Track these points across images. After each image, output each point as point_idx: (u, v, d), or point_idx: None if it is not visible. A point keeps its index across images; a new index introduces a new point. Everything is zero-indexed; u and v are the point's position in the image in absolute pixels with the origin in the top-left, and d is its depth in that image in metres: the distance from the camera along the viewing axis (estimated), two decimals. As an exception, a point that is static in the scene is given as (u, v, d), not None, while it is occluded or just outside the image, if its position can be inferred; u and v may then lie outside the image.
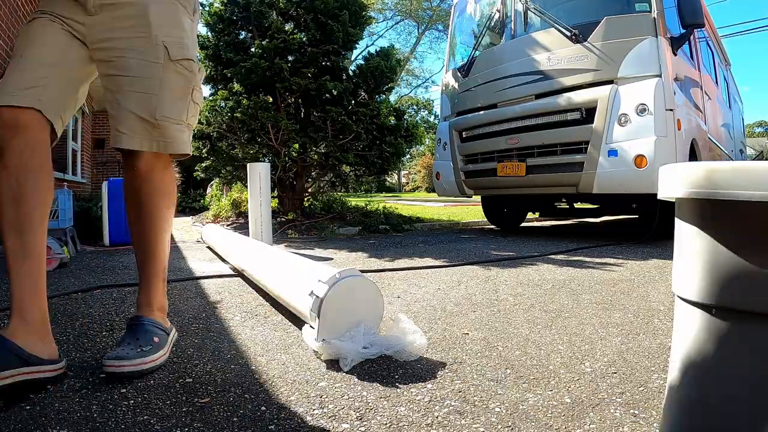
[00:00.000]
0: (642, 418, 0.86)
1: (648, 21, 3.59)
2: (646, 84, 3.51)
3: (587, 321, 1.51)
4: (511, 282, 2.17)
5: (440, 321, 1.52)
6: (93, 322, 1.49)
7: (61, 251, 2.54)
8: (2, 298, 1.82)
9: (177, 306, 1.71)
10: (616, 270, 2.50)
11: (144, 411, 0.88)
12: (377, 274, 2.40)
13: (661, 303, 1.75)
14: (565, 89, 3.91)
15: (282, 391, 0.98)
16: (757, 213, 0.51)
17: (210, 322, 1.50)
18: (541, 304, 1.74)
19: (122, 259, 2.96)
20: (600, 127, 3.65)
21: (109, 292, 1.95)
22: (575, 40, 3.84)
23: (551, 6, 4.21)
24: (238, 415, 0.87)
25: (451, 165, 4.88)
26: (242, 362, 1.14)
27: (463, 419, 0.85)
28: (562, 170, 3.92)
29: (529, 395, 0.95)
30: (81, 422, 0.83)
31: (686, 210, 0.59)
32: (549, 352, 1.22)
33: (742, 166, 0.51)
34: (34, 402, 0.91)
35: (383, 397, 0.95)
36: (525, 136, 4.14)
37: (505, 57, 4.39)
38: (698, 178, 0.54)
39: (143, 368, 1.02)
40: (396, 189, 32.91)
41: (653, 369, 1.10)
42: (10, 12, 3.87)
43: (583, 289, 2.01)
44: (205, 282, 2.18)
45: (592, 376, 1.05)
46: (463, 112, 4.83)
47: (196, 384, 1.01)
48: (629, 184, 3.53)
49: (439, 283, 2.17)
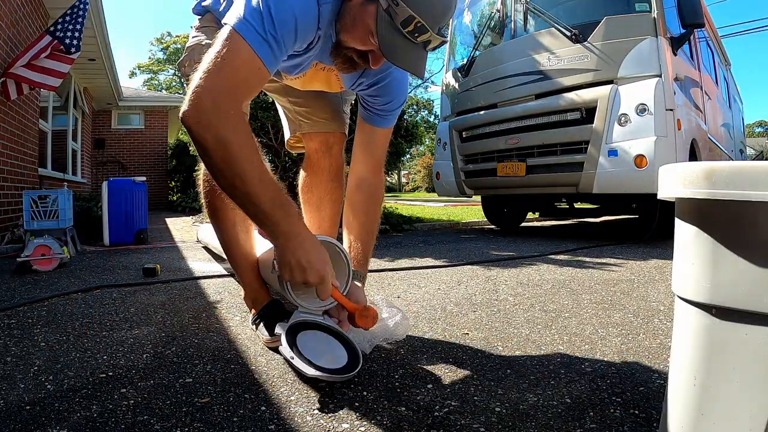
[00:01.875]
0: (642, 418, 0.86)
1: (648, 21, 3.59)
2: (646, 84, 3.51)
3: (587, 321, 1.51)
4: (511, 282, 2.17)
5: (440, 321, 1.52)
6: (93, 322, 1.49)
7: (61, 251, 2.54)
8: (2, 298, 1.82)
9: (177, 306, 1.71)
10: (616, 270, 2.50)
11: (144, 411, 0.88)
12: (377, 274, 2.40)
13: (661, 303, 1.75)
14: (565, 89, 3.90)
15: (282, 391, 0.98)
16: (757, 213, 0.51)
17: (210, 322, 1.50)
18: (541, 304, 1.74)
19: (122, 259, 2.96)
20: (600, 127, 3.65)
21: (109, 292, 1.95)
22: (575, 40, 3.83)
23: (551, 6, 4.21)
24: (238, 415, 0.87)
25: (451, 165, 4.88)
26: (242, 362, 1.14)
27: (463, 419, 0.85)
28: (562, 170, 3.92)
29: (529, 395, 0.95)
30: (81, 422, 0.83)
31: (686, 210, 0.59)
32: (549, 352, 1.22)
33: (742, 166, 0.51)
34: (34, 402, 0.91)
35: (383, 397, 0.95)
36: (525, 136, 4.14)
37: (505, 57, 4.39)
38: (698, 178, 0.54)
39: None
40: (396, 189, 32.92)
41: (653, 369, 1.10)
42: (10, 12, 3.87)
43: (583, 289, 2.01)
44: (204, 282, 2.18)
45: (592, 376, 1.05)
46: (463, 112, 4.83)
47: (196, 384, 1.01)
48: (629, 184, 3.53)
49: (439, 283, 2.17)
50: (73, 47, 3.88)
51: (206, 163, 0.97)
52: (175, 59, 25.80)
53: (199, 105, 0.91)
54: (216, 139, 0.92)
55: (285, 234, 0.98)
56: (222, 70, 0.92)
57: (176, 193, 11.45)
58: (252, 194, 0.95)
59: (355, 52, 1.06)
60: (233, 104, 0.93)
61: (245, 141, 0.95)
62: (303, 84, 1.31)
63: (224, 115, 0.92)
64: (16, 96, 3.83)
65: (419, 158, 36.06)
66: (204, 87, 0.91)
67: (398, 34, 0.97)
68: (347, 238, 1.36)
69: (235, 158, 0.93)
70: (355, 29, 1.02)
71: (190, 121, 0.92)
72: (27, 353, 1.19)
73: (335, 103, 1.50)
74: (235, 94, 0.94)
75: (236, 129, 0.93)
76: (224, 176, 0.95)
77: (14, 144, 4.02)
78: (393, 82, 1.27)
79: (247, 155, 0.94)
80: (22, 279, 2.25)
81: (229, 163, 0.93)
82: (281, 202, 0.98)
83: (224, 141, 0.92)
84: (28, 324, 1.46)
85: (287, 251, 0.99)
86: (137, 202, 3.86)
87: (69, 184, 4.21)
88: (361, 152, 1.36)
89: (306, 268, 0.99)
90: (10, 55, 3.84)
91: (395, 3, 0.94)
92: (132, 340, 1.30)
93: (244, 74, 0.94)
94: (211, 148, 0.92)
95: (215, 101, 0.91)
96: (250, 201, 0.96)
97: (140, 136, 10.94)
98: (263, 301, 1.34)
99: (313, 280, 1.01)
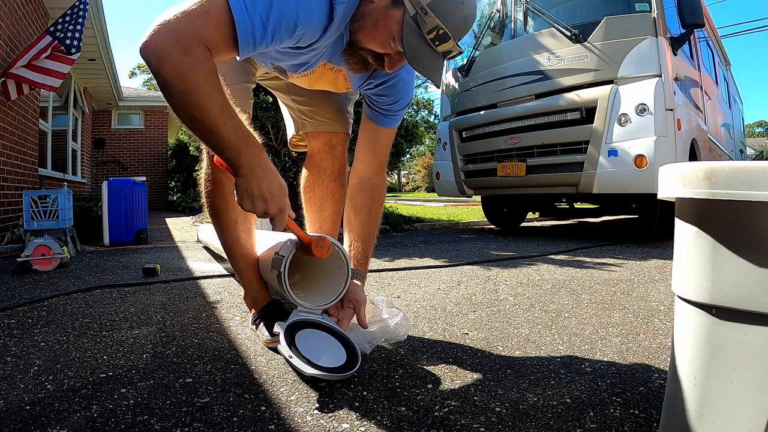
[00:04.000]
0: (642, 418, 0.86)
1: (648, 21, 3.59)
2: (646, 84, 3.51)
3: (587, 321, 1.51)
4: (511, 282, 2.17)
5: (440, 321, 1.52)
6: (93, 322, 1.49)
7: (61, 251, 2.54)
8: (2, 298, 1.82)
9: (177, 306, 1.71)
10: (616, 270, 2.50)
11: (144, 411, 0.88)
12: (377, 274, 2.40)
13: (661, 303, 1.75)
14: (565, 89, 3.90)
15: (282, 391, 0.98)
16: (757, 213, 0.51)
17: (210, 322, 1.50)
18: (541, 304, 1.74)
19: (122, 259, 2.96)
20: (600, 127, 3.65)
21: (109, 292, 1.95)
22: (575, 40, 3.83)
23: (551, 6, 4.21)
24: (238, 415, 0.87)
25: (451, 165, 4.88)
26: (242, 362, 1.14)
27: (463, 419, 0.85)
28: (562, 170, 3.92)
29: (529, 395, 0.95)
30: (81, 422, 0.83)
31: (686, 210, 0.59)
32: (549, 352, 1.22)
33: (742, 166, 0.51)
34: (34, 402, 0.91)
35: (383, 397, 0.95)
36: (525, 136, 4.14)
37: (505, 57, 4.39)
38: (698, 178, 0.54)
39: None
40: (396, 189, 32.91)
41: (653, 369, 1.10)
42: (10, 12, 3.87)
43: (583, 289, 2.01)
44: (204, 282, 2.18)
45: (592, 376, 1.05)
46: (463, 112, 4.83)
47: (196, 384, 1.01)
48: (629, 184, 3.53)
49: (439, 283, 2.17)
50: (74, 48, 3.88)
51: (166, 97, 0.92)
52: (175, 59, 25.73)
53: (161, 38, 0.87)
54: (176, 73, 0.87)
55: (248, 164, 0.96)
56: (196, 19, 0.87)
57: (176, 193, 11.46)
58: (212, 126, 0.92)
59: (371, 53, 1.06)
60: (197, 46, 0.89)
61: (206, 76, 0.90)
62: (309, 83, 1.31)
63: (186, 52, 0.87)
64: (16, 96, 3.83)
65: (419, 158, 36.05)
66: (171, 24, 0.87)
67: (422, 42, 0.97)
68: (348, 237, 1.36)
69: (195, 91, 0.89)
70: (376, 32, 1.01)
71: (149, 54, 0.87)
72: (27, 353, 1.19)
73: (339, 102, 1.50)
74: (201, 42, 0.89)
75: (196, 64, 0.88)
76: (183, 108, 0.91)
77: (14, 144, 4.02)
78: (400, 82, 1.27)
79: (207, 89, 0.90)
80: (22, 279, 2.25)
81: (188, 95, 0.89)
82: (243, 133, 0.96)
83: (184, 74, 0.87)
84: (28, 324, 1.46)
85: (250, 182, 0.96)
86: (137, 202, 3.86)
87: (69, 184, 4.22)
88: (365, 152, 1.36)
89: (267, 199, 0.97)
90: (11, 55, 3.85)
91: (424, 11, 0.94)
92: (132, 340, 1.30)
93: (215, 37, 0.90)
94: (170, 81, 0.88)
95: (179, 39, 0.87)
96: (211, 133, 0.93)
97: (140, 136, 10.95)
98: (263, 301, 1.34)
99: (274, 210, 0.99)
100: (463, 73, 4.82)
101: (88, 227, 3.96)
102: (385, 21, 0.99)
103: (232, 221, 1.31)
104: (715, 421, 0.55)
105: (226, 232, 1.33)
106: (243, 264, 1.36)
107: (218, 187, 1.28)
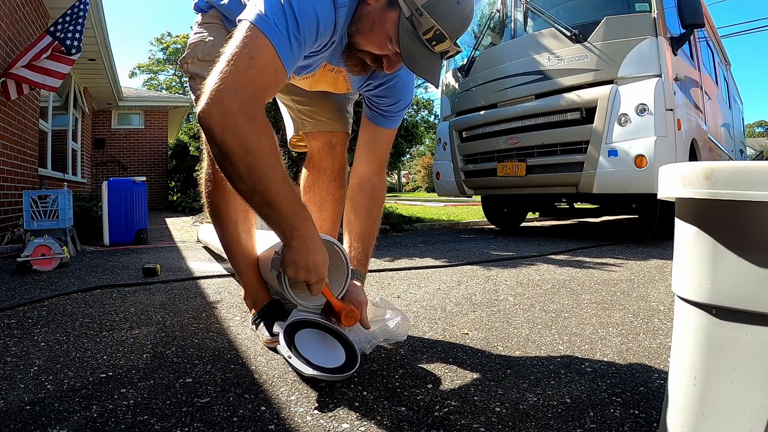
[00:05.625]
0: (642, 418, 0.86)
1: (648, 21, 3.59)
2: (646, 84, 3.51)
3: (587, 321, 1.51)
4: (511, 282, 2.17)
5: (440, 321, 1.52)
6: (93, 322, 1.49)
7: (61, 251, 2.54)
8: (2, 298, 1.82)
9: (177, 306, 1.71)
10: (616, 270, 2.50)
11: (144, 411, 0.88)
12: (377, 274, 2.40)
13: (661, 303, 1.75)
14: (565, 89, 3.91)
15: (282, 391, 0.98)
16: (757, 213, 0.51)
17: (210, 322, 1.50)
18: (541, 304, 1.74)
19: (122, 259, 2.96)
20: (600, 127, 3.65)
21: (109, 292, 1.95)
22: (575, 40, 3.83)
23: (551, 6, 4.21)
24: (238, 415, 0.87)
25: (451, 165, 4.88)
26: (242, 362, 1.14)
27: (463, 419, 0.85)
28: (562, 170, 3.92)
29: (529, 395, 0.95)
30: (81, 422, 0.83)
31: (686, 210, 0.59)
32: (549, 352, 1.22)
33: (742, 166, 0.51)
34: (34, 402, 0.91)
35: (383, 397, 0.95)
36: (525, 136, 4.14)
37: (505, 57, 4.39)
38: (698, 178, 0.54)
39: None
40: (396, 189, 32.90)
41: (653, 369, 1.10)
42: (10, 12, 3.87)
43: (583, 289, 2.01)
44: (204, 282, 2.18)
45: (592, 376, 1.05)
46: (463, 112, 4.83)
47: (196, 384, 1.01)
48: (629, 184, 3.53)
49: (439, 283, 2.17)
50: (74, 48, 3.88)
51: (225, 167, 0.91)
52: (175, 59, 25.77)
53: (223, 106, 0.85)
54: (241, 144, 0.87)
55: (300, 238, 0.98)
56: (247, 71, 0.87)
57: (176, 193, 11.46)
58: (273, 200, 0.93)
59: (369, 55, 1.06)
60: (259, 108, 0.90)
61: (271, 147, 0.91)
62: (310, 85, 1.31)
63: (252, 120, 0.87)
64: (16, 96, 3.83)
65: (419, 158, 36.06)
66: (228, 87, 0.85)
67: (419, 43, 0.97)
68: (348, 237, 1.36)
69: (260, 164, 0.89)
70: (373, 34, 1.01)
71: (213, 122, 0.86)
72: (27, 353, 1.19)
73: (339, 102, 1.50)
74: (260, 97, 0.90)
75: (262, 134, 0.89)
76: (245, 181, 0.91)
77: (14, 144, 4.02)
78: (399, 83, 1.27)
79: (272, 162, 0.91)
80: (22, 279, 2.25)
81: (253, 169, 0.89)
82: (300, 206, 0.99)
83: (250, 147, 0.87)
84: (28, 324, 1.46)
85: (299, 253, 0.99)
86: (137, 202, 3.86)
87: (69, 184, 4.22)
88: (365, 152, 1.36)
89: (311, 270, 1.01)
90: (11, 55, 3.84)
91: (419, 12, 0.94)
92: (132, 340, 1.30)
93: (268, 76, 0.90)
94: (236, 153, 0.87)
95: (243, 105, 0.86)
96: (271, 206, 0.94)
97: (140, 136, 10.95)
98: (263, 301, 1.34)
99: (314, 280, 1.03)
100: (463, 73, 4.82)
101: (88, 227, 3.96)
102: (382, 23, 0.99)
103: (233, 221, 1.31)
104: (715, 421, 0.55)
105: (226, 232, 1.34)
106: (243, 264, 1.36)
107: (219, 187, 1.28)
